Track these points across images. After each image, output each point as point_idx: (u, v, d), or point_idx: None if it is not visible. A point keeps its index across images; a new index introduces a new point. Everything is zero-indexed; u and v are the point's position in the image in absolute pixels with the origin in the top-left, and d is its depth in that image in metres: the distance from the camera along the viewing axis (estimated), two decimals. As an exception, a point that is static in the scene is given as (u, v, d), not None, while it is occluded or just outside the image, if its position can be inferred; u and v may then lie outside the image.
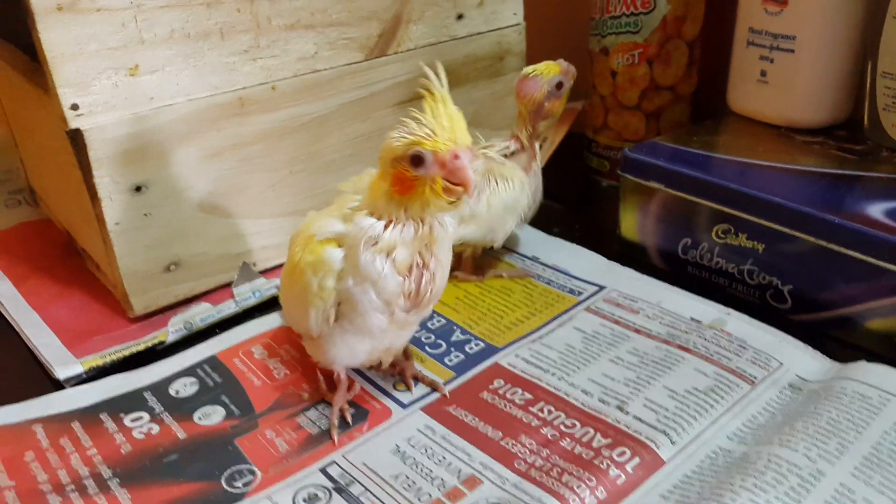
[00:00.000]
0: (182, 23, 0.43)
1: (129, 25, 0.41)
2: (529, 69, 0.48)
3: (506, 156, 0.49)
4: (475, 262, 0.50)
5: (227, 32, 0.45)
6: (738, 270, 0.46)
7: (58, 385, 0.42)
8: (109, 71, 0.42)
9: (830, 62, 0.52)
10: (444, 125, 0.32)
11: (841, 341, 0.43)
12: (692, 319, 0.44)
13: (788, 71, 0.53)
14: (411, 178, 0.32)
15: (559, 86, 0.47)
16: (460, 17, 0.56)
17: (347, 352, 0.37)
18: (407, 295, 0.34)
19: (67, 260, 0.54)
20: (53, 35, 0.39)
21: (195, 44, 0.44)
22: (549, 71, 0.47)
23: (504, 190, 0.47)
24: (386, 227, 0.34)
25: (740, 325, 0.43)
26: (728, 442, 0.36)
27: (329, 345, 0.37)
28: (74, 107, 0.41)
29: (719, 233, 0.47)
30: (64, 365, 0.43)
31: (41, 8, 0.39)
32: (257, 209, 0.50)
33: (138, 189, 0.44)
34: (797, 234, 0.43)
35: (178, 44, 0.43)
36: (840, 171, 0.47)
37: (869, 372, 0.38)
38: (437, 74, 0.33)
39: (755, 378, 0.39)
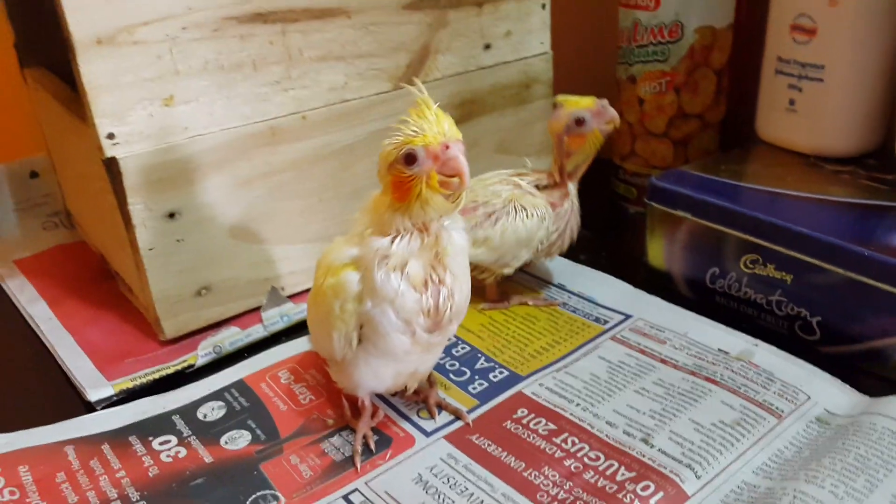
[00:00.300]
0: (216, 55, 0.44)
1: (164, 57, 0.43)
2: (563, 97, 0.47)
3: (538, 187, 0.48)
4: (499, 287, 0.50)
5: (259, 64, 0.46)
6: (767, 301, 0.46)
7: (89, 407, 0.43)
8: (145, 101, 0.43)
9: (859, 91, 0.52)
10: (430, 121, 0.33)
11: (871, 374, 0.42)
12: (719, 350, 0.44)
13: (817, 100, 0.52)
14: (408, 178, 0.33)
15: (580, 122, 0.46)
16: (487, 46, 0.56)
17: (372, 375, 0.37)
18: (426, 312, 0.35)
19: (101, 282, 0.56)
20: (92, 68, 0.41)
21: (228, 75, 0.45)
22: (577, 104, 0.46)
23: (520, 221, 0.46)
24: (392, 241, 0.34)
25: (768, 356, 0.43)
26: (754, 477, 0.35)
27: (353, 369, 0.38)
28: (111, 136, 0.42)
29: (747, 263, 0.46)
30: (95, 387, 0.44)
31: (82, 42, 0.40)
32: (287, 235, 0.50)
33: (171, 216, 0.45)
34: (826, 265, 0.43)
35: (212, 75, 0.45)
36: (870, 202, 0.46)
37: (900, 407, 0.37)
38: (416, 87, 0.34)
39: (782, 412, 0.39)
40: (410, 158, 0.33)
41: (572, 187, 0.49)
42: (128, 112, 0.42)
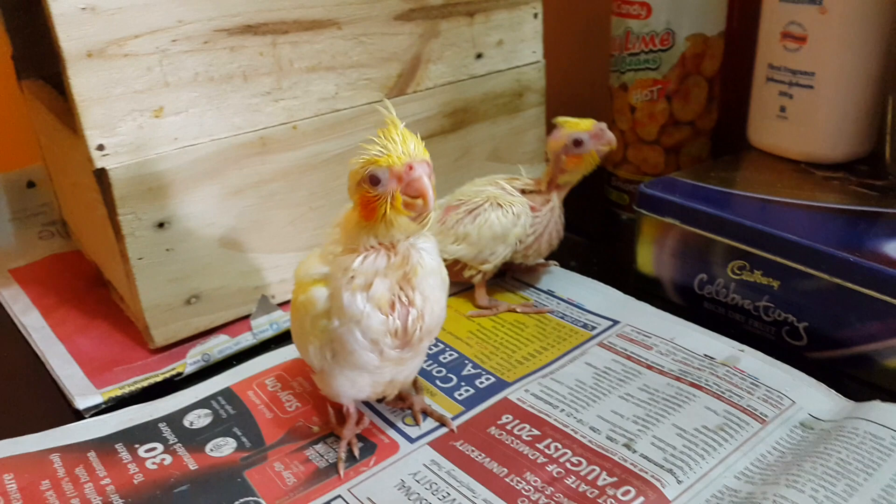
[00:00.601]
0: (206, 66, 0.45)
1: (154, 69, 0.43)
2: (563, 119, 0.48)
3: (523, 191, 0.49)
4: (488, 294, 0.51)
5: (249, 75, 0.47)
6: (754, 307, 0.46)
7: (78, 415, 0.43)
8: (135, 113, 0.43)
9: (850, 97, 0.52)
10: (395, 141, 0.33)
11: (857, 380, 0.42)
12: (705, 356, 0.44)
13: (808, 106, 0.53)
14: (373, 198, 0.33)
15: (578, 143, 0.47)
16: (479, 56, 0.57)
17: (349, 385, 0.38)
18: (393, 333, 0.35)
19: (94, 291, 0.56)
20: (83, 80, 0.41)
21: (218, 86, 0.46)
22: (576, 126, 0.47)
23: (496, 217, 0.47)
24: (360, 259, 0.34)
25: (754, 362, 0.43)
26: (735, 481, 0.35)
27: (331, 379, 0.38)
28: (100, 147, 0.43)
29: (735, 269, 0.47)
30: (84, 395, 0.44)
31: (72, 54, 0.41)
32: (277, 244, 0.51)
33: (161, 225, 0.46)
34: (812, 271, 0.43)
35: (202, 86, 0.45)
36: (860, 208, 0.46)
37: (883, 412, 0.37)
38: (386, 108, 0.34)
39: (766, 416, 0.39)
40: (374, 179, 0.33)
41: (556, 197, 0.49)
42: (118, 123, 0.43)
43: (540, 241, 0.49)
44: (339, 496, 0.36)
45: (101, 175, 0.43)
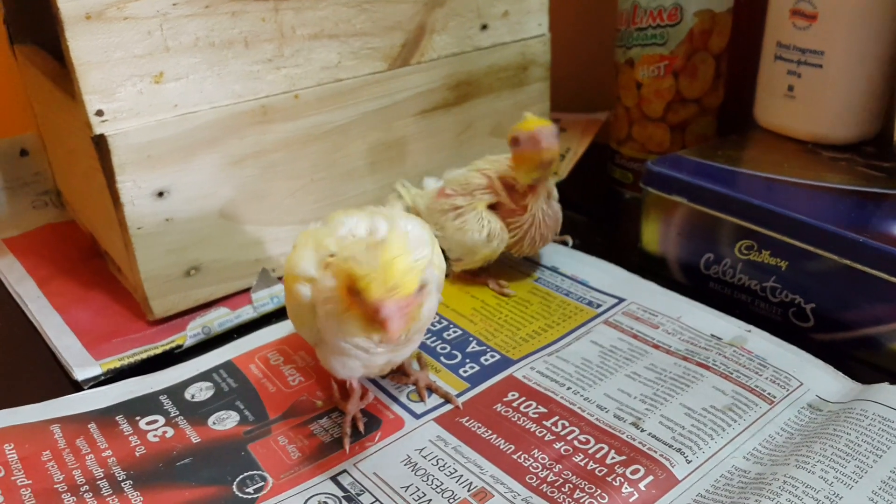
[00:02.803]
0: (207, 31, 0.44)
1: (154, 34, 0.42)
2: (528, 114, 0.45)
3: (510, 187, 0.47)
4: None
5: (251, 41, 0.45)
6: (761, 287, 0.46)
7: (76, 386, 0.43)
8: (135, 78, 0.42)
9: (859, 78, 0.51)
10: (386, 264, 0.30)
11: (864, 362, 0.42)
12: (712, 336, 0.43)
13: (816, 86, 0.52)
14: (351, 300, 0.32)
15: (514, 141, 0.45)
16: (484, 27, 0.56)
17: (341, 366, 0.37)
18: (377, 341, 0.34)
19: (90, 262, 0.55)
20: (81, 43, 0.40)
21: (219, 52, 0.44)
22: (524, 125, 0.44)
23: (471, 230, 0.47)
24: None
25: (761, 342, 0.42)
26: (744, 462, 0.35)
27: (324, 356, 0.37)
28: (99, 113, 0.42)
29: (742, 249, 0.46)
30: (83, 367, 0.43)
31: (70, 16, 0.39)
32: (278, 216, 0.50)
33: (160, 194, 0.45)
34: (821, 252, 0.42)
35: (203, 52, 0.44)
36: (867, 189, 0.46)
37: (892, 394, 0.37)
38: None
39: (774, 397, 0.38)
40: (353, 291, 0.31)
41: (535, 201, 0.47)
42: (117, 89, 0.42)
43: (522, 243, 0.48)
44: (345, 471, 0.36)
45: (100, 141, 0.42)
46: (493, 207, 0.48)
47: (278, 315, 0.48)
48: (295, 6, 0.46)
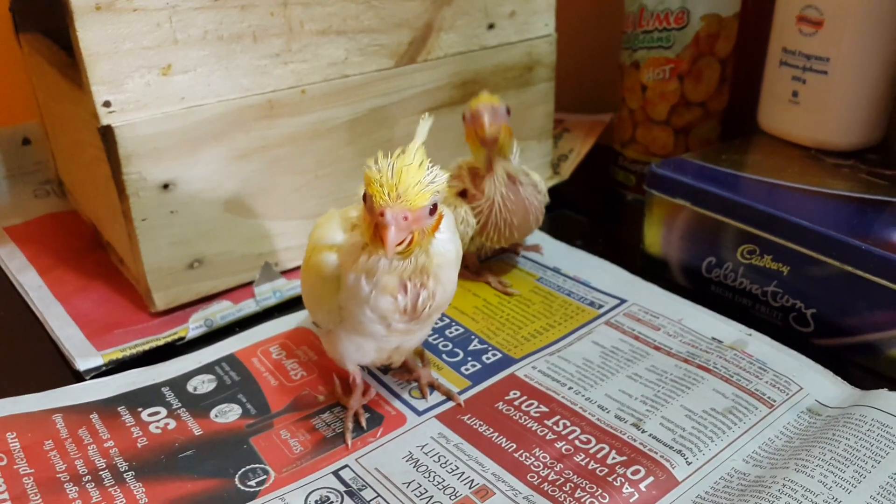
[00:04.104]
0: (216, 24, 0.44)
1: (163, 26, 0.42)
2: (484, 92, 0.46)
3: (475, 173, 0.47)
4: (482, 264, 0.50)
5: (259, 35, 0.45)
6: (762, 292, 0.46)
7: (78, 376, 0.43)
8: (143, 70, 0.42)
9: (863, 85, 0.51)
10: (397, 175, 0.31)
11: (863, 368, 0.42)
12: (713, 339, 0.44)
13: (821, 92, 0.52)
14: (365, 212, 0.32)
15: (463, 117, 0.46)
16: (491, 26, 0.56)
17: (355, 349, 0.37)
18: (402, 311, 0.34)
19: (92, 252, 0.55)
20: (90, 33, 0.40)
21: (228, 46, 0.45)
22: (476, 100, 0.45)
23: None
24: (366, 249, 0.33)
25: (761, 346, 0.43)
26: (744, 464, 0.35)
27: (337, 341, 0.38)
28: (107, 104, 0.42)
29: (744, 253, 0.46)
30: (85, 357, 0.43)
31: (80, 7, 0.39)
32: (282, 211, 0.50)
33: (166, 186, 0.45)
34: (823, 258, 0.42)
35: (211, 45, 0.44)
36: (869, 196, 0.46)
37: (891, 401, 0.37)
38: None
39: (774, 401, 0.39)
40: (366, 198, 0.32)
41: (492, 182, 0.46)
42: (125, 80, 0.42)
43: (487, 228, 0.47)
44: (347, 465, 0.36)
45: (107, 132, 0.42)
46: (463, 196, 0.48)
47: (280, 309, 0.49)
48: (304, 1, 0.46)
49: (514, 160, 0.47)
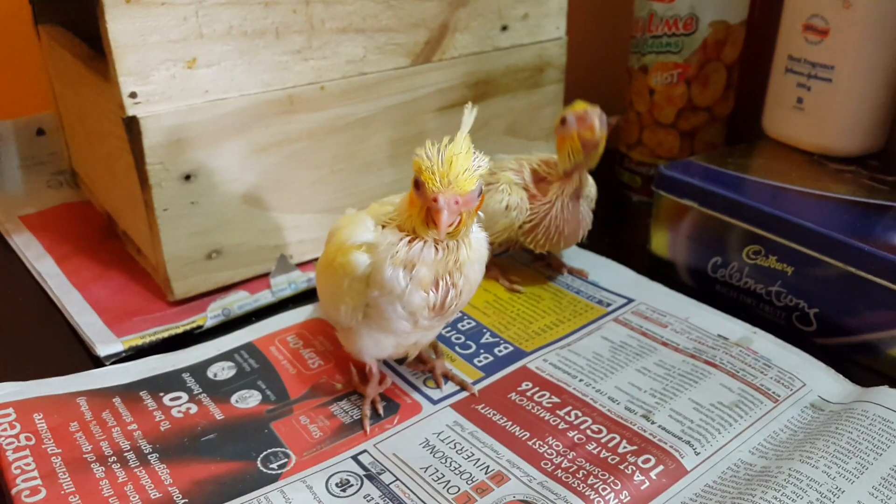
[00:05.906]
0: (240, 20, 0.45)
1: (190, 20, 0.43)
2: (578, 101, 0.46)
3: (540, 177, 0.48)
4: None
5: (281, 32, 0.47)
6: (766, 291, 0.47)
7: (97, 362, 0.44)
8: (169, 62, 0.43)
9: (867, 93, 0.53)
10: (448, 161, 0.32)
11: (864, 367, 0.43)
12: (719, 336, 0.45)
13: (825, 100, 0.53)
14: (416, 197, 0.34)
15: (562, 121, 0.45)
16: (505, 28, 0.57)
17: (373, 344, 0.38)
18: (432, 307, 0.35)
19: (107, 242, 0.56)
20: (119, 26, 0.41)
21: (251, 41, 0.46)
22: (573, 107, 0.45)
23: (492, 201, 0.47)
24: (410, 242, 0.35)
25: (766, 344, 0.44)
26: (750, 455, 0.36)
27: (357, 337, 0.39)
28: (133, 95, 0.43)
29: (750, 254, 0.48)
30: (105, 343, 0.44)
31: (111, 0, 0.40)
32: (298, 204, 0.51)
33: (188, 178, 0.46)
34: (826, 258, 0.44)
35: (235, 40, 0.45)
36: (871, 201, 0.48)
37: (892, 397, 0.38)
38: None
39: (778, 396, 0.40)
40: (418, 184, 0.33)
41: (557, 188, 0.47)
42: (151, 72, 0.43)
43: (537, 231, 0.47)
44: (366, 450, 0.37)
45: (132, 123, 0.43)
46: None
47: (295, 301, 0.50)
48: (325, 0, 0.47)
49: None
